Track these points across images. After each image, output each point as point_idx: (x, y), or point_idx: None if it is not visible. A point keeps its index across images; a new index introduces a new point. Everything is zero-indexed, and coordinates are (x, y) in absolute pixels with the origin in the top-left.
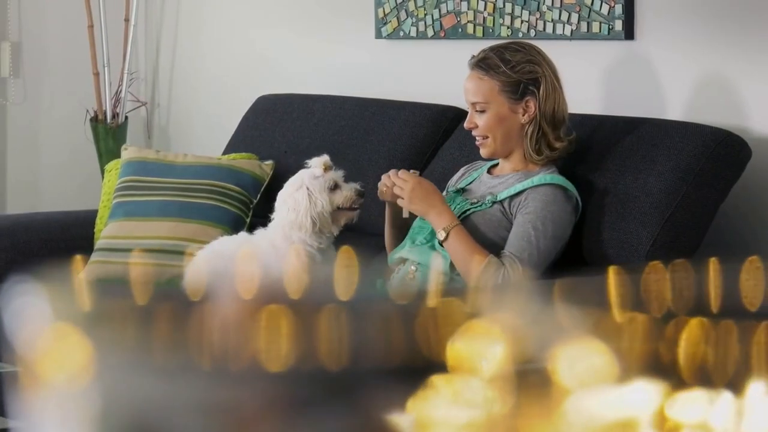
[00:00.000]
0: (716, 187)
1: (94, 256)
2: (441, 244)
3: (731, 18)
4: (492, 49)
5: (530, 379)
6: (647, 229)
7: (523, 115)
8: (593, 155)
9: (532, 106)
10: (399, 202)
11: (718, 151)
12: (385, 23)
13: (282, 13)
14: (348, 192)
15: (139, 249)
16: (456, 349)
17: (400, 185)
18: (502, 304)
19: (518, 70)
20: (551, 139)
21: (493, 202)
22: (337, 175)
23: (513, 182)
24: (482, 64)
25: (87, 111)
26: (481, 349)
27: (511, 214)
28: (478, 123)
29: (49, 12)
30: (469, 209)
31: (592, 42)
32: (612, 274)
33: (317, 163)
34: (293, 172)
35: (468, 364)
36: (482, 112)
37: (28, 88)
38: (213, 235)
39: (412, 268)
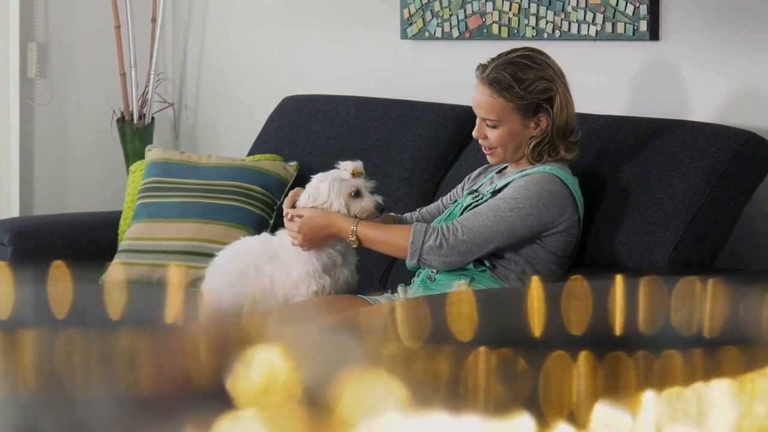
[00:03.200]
0: (740, 189)
1: (117, 258)
2: (358, 246)
3: (756, 19)
4: (502, 66)
5: (313, 409)
6: (670, 231)
7: (535, 129)
8: (616, 156)
9: (544, 121)
10: (303, 249)
11: (742, 152)
12: (411, 24)
13: (308, 14)
14: (367, 203)
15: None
16: (237, 374)
17: (293, 237)
18: (286, 327)
19: (532, 90)
20: (562, 150)
21: (491, 193)
22: (364, 183)
23: (513, 174)
24: (495, 84)
25: (114, 112)
26: (264, 375)
27: None
28: (488, 135)
29: (76, 12)
30: (471, 204)
31: (617, 43)
32: (406, 305)
33: (347, 167)
34: (317, 173)
35: (251, 392)
36: (494, 127)
37: (54, 89)
38: (236, 237)
39: (432, 271)
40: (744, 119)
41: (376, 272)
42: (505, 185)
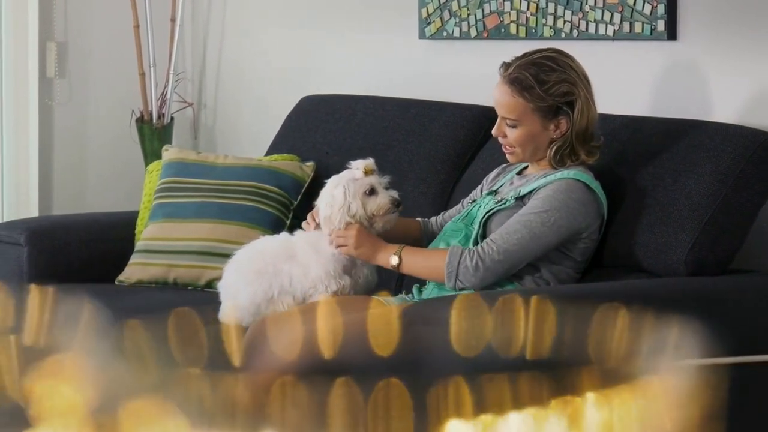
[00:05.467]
0: (756, 190)
1: (133, 258)
2: (398, 269)
3: None
4: (525, 66)
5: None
6: (686, 232)
7: (555, 131)
8: (633, 157)
9: (564, 123)
10: (344, 250)
11: (759, 153)
12: (429, 23)
13: (326, 14)
14: (383, 200)
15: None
16: (29, 388)
17: (342, 235)
18: (75, 343)
19: (553, 92)
20: (582, 154)
21: (515, 199)
22: (379, 180)
23: (537, 179)
24: (516, 84)
25: (132, 111)
26: (54, 391)
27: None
28: (507, 134)
29: (95, 12)
30: (493, 208)
31: (635, 42)
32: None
33: (359, 166)
34: (335, 174)
35: (45, 412)
36: (513, 126)
37: (73, 89)
38: (252, 237)
39: None
40: (761, 120)
41: (393, 273)
42: (530, 191)
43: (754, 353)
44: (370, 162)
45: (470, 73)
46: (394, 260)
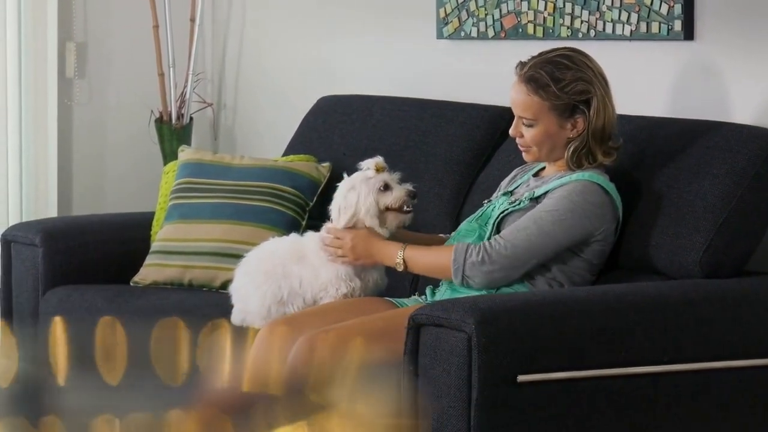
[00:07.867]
0: None
1: (149, 259)
2: (404, 269)
3: None
4: (541, 64)
5: None
6: (701, 234)
7: (572, 131)
8: (648, 158)
9: (581, 122)
10: (344, 261)
11: None
12: (446, 23)
13: (345, 14)
14: (398, 193)
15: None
16: None
17: (338, 245)
18: None
19: (569, 91)
20: (599, 155)
21: (530, 200)
22: (391, 177)
23: (553, 180)
24: (532, 82)
25: (152, 112)
26: None
27: None
28: (524, 134)
29: (114, 12)
30: (507, 209)
31: (652, 42)
32: None
33: (369, 164)
34: (351, 174)
35: None
36: (529, 126)
37: (93, 89)
38: (267, 238)
39: None
40: None
41: (407, 275)
42: (545, 193)
43: None
44: (379, 159)
45: (487, 74)
46: (399, 266)
